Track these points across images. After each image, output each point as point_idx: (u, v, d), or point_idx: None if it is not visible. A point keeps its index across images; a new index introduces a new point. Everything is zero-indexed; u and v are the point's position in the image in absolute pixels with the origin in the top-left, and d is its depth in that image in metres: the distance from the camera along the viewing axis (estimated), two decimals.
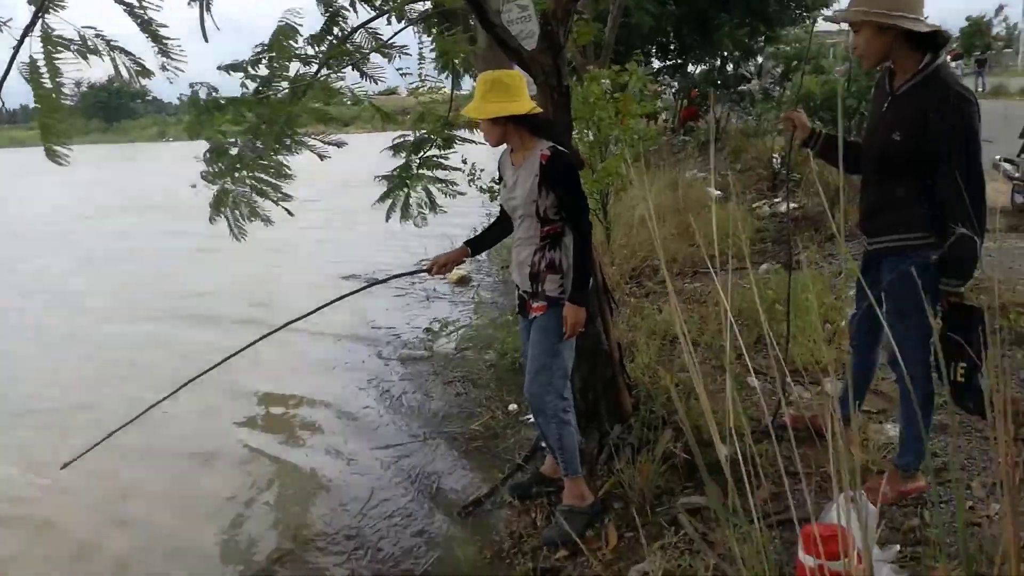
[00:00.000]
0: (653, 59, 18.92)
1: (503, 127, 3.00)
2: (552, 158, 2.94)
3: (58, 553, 3.49)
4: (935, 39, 2.57)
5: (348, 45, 4.73)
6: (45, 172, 26.49)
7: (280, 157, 4.44)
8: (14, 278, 9.92)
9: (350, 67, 4.58)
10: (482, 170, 6.54)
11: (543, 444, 3.66)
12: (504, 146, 3.17)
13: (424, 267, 3.39)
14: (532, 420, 4.18)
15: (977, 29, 41.01)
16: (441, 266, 3.34)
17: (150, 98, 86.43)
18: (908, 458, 2.87)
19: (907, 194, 2.69)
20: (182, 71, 3.98)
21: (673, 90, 21.27)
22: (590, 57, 10.46)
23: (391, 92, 4.62)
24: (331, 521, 3.53)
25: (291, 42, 4.44)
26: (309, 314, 3.30)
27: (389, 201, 4.73)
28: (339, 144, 4.75)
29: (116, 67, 3.99)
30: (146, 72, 3.98)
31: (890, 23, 2.55)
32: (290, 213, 4.40)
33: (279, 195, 4.51)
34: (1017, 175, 6.73)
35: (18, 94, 3.14)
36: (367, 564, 3.16)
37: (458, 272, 8.09)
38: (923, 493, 2.87)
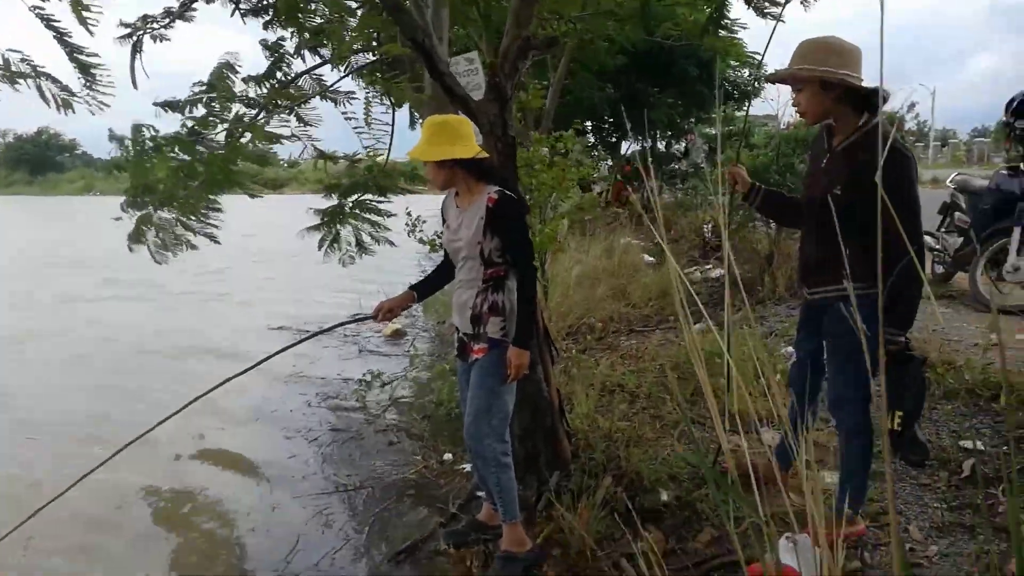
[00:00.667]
0: (589, 135, 19.47)
1: (449, 171, 3.00)
2: (500, 201, 2.94)
3: None
4: (874, 98, 2.70)
5: (291, 90, 4.71)
6: None
7: (213, 197, 4.37)
8: None
9: (289, 112, 4.55)
10: (424, 221, 6.53)
11: (479, 492, 3.56)
12: (447, 191, 3.18)
13: (369, 314, 3.33)
14: (468, 469, 4.08)
15: (891, 123, 43.72)
16: (387, 311, 3.29)
17: (79, 152, 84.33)
18: (846, 503, 2.89)
19: (847, 246, 2.77)
20: (107, 105, 3.90)
21: (607, 166, 21.90)
22: (530, 125, 10.70)
23: (329, 157, 4.57)
24: (254, 568, 3.32)
25: (232, 79, 4.42)
26: (259, 364, 3.28)
27: (319, 234, 4.67)
28: (274, 184, 4.70)
29: (42, 94, 3.89)
30: (69, 103, 3.89)
31: (835, 80, 2.67)
32: (216, 241, 4.33)
33: (206, 227, 4.42)
34: (937, 247, 7.08)
35: None
36: None
37: (392, 326, 7.96)
38: (862, 537, 2.88)
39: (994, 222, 6.21)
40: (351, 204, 4.81)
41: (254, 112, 4.49)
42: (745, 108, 15.96)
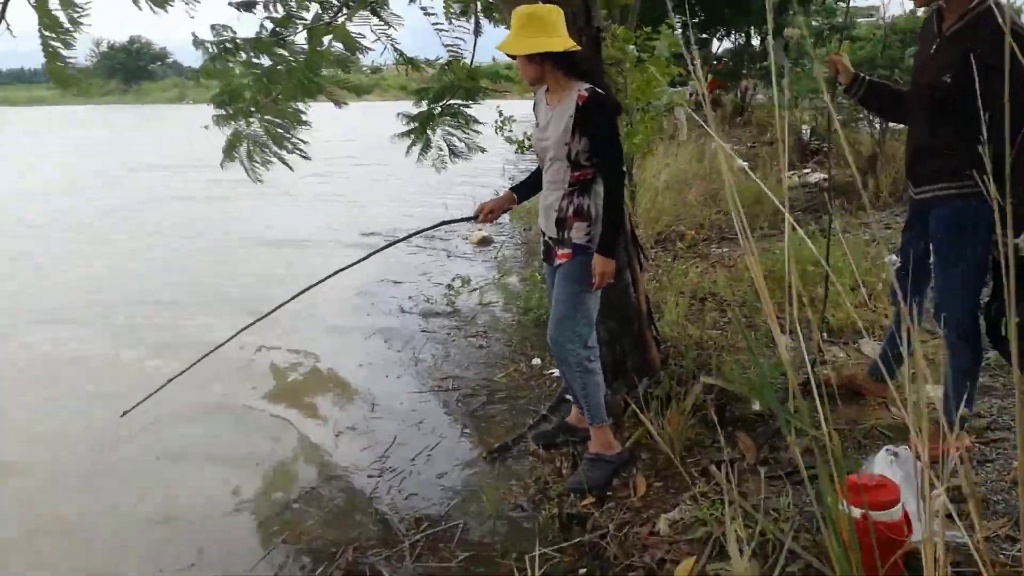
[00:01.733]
0: (677, 31, 18.62)
1: (539, 65, 2.88)
2: (590, 99, 2.82)
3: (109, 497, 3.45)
4: None
5: None
6: (66, 128, 26.77)
7: (298, 105, 4.34)
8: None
9: (368, 8, 4.43)
10: (513, 120, 6.40)
11: (568, 396, 3.59)
12: (537, 88, 3.07)
13: (470, 215, 3.34)
14: (556, 374, 4.12)
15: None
16: (488, 212, 3.28)
17: (170, 61, 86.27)
18: (951, 416, 2.78)
19: (957, 139, 2.57)
20: (199, 1, 3.87)
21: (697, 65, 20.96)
22: (615, 20, 10.22)
23: (411, 62, 4.48)
24: (352, 463, 3.49)
25: None
26: (357, 263, 3.36)
27: (410, 140, 4.63)
28: (358, 91, 4.62)
29: None
30: (163, 1, 3.88)
31: None
32: (305, 157, 4.32)
33: (292, 142, 4.41)
34: None
35: (40, 54, 3.07)
36: (388, 504, 3.12)
37: (479, 233, 8.01)
38: (967, 452, 2.78)
39: None
40: (440, 109, 4.73)
41: (333, 12, 4.41)
42: None
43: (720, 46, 20.78)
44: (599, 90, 2.88)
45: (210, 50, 4.33)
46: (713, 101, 17.00)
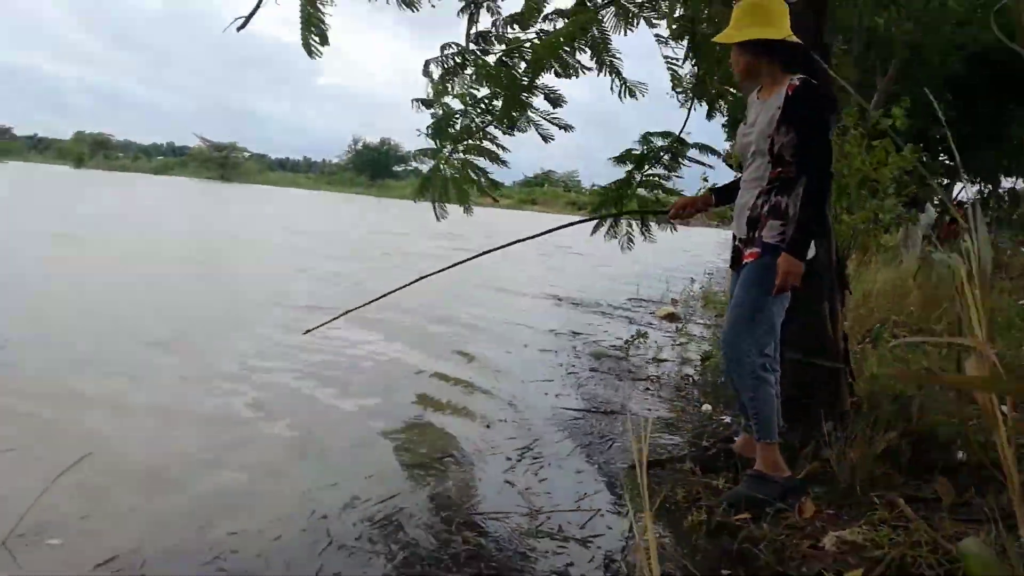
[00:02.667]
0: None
1: (752, 56, 2.74)
2: (800, 87, 2.61)
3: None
4: None
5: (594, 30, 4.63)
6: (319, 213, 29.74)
7: (503, 135, 4.41)
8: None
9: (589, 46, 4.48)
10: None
11: (736, 436, 3.21)
12: (750, 85, 2.92)
13: (664, 209, 3.23)
14: (727, 420, 3.76)
15: None
16: (680, 207, 3.18)
17: (412, 167, 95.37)
18: None
19: None
20: None
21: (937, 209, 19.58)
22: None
23: (627, 85, 4.40)
24: (491, 448, 3.35)
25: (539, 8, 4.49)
26: (499, 248, 3.67)
27: (605, 225, 4.31)
28: (566, 127, 4.63)
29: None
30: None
31: None
32: (495, 200, 4.36)
33: (487, 181, 4.45)
34: None
35: (299, 147, 3.66)
36: (518, 481, 2.92)
37: (666, 308, 7.74)
38: None
39: None
40: (639, 179, 4.54)
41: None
42: None
43: (962, 190, 19.32)
44: (813, 80, 2.67)
45: (437, 71, 4.60)
46: (950, 236, 15.71)
